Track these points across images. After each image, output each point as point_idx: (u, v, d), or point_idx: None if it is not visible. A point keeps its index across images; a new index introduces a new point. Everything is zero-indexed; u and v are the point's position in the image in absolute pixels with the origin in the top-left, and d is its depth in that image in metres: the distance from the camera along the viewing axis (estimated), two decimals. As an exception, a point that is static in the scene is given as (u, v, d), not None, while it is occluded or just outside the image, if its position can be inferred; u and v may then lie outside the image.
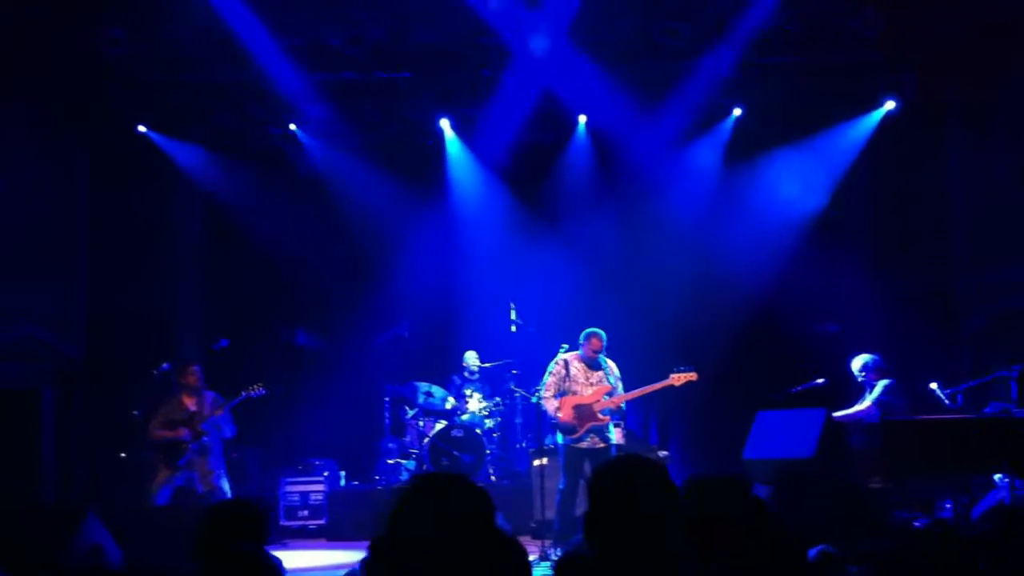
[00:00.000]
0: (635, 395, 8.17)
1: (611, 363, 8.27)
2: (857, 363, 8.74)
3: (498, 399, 10.62)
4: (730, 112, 10.81)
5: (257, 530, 3.48)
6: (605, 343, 8.16)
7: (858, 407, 8.47)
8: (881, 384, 8.53)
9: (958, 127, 10.44)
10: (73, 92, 9.80)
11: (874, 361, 8.69)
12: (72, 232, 10.32)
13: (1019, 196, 9.52)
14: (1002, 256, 9.66)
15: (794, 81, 10.37)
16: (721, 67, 9.94)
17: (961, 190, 10.47)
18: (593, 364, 8.19)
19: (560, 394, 8.11)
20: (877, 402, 8.40)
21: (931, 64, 9.98)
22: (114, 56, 9.54)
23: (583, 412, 8.04)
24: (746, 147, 10.97)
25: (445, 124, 11.11)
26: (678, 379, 8.15)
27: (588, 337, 8.17)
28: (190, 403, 8.42)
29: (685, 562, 2.78)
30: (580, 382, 8.12)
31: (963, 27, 9.40)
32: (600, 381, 8.12)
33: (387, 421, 10.46)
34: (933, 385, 8.52)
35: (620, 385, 8.20)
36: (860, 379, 8.74)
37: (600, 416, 8.02)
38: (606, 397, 8.05)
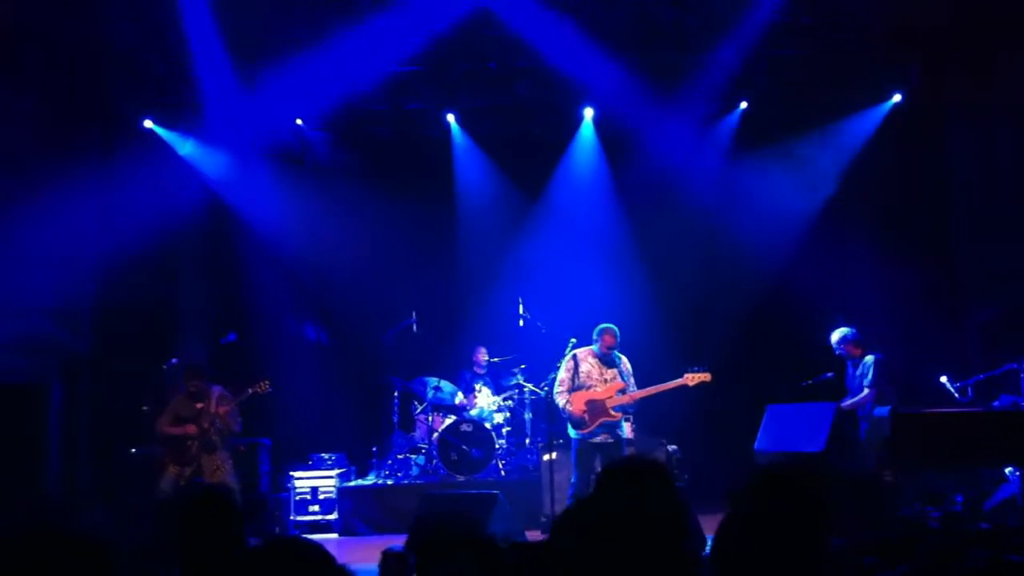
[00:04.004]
0: (647, 393, 8.15)
1: (624, 358, 8.28)
2: (835, 336, 8.66)
3: (508, 394, 10.62)
4: (737, 105, 10.81)
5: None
6: (618, 339, 8.16)
7: (860, 396, 8.39)
8: (871, 363, 8.44)
9: (961, 118, 10.41)
10: (80, 85, 9.79)
11: (852, 334, 8.62)
12: (79, 225, 10.31)
13: (1022, 183, 9.50)
14: (1009, 247, 9.63)
15: (801, 73, 10.36)
16: (730, 60, 9.93)
17: (966, 181, 10.45)
18: (607, 361, 8.19)
19: (573, 389, 8.12)
20: (872, 384, 8.34)
21: (934, 55, 9.97)
22: (121, 49, 9.55)
23: (595, 408, 8.05)
24: (753, 139, 10.94)
25: (451, 118, 11.13)
26: (692, 379, 8.12)
27: (601, 333, 8.16)
28: (198, 399, 8.40)
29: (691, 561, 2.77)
30: (594, 378, 8.14)
31: (966, 18, 9.38)
32: (614, 379, 8.13)
33: (396, 416, 10.44)
34: (943, 378, 8.51)
35: (632, 380, 8.21)
36: (837, 352, 8.68)
37: (612, 413, 8.03)
38: (619, 394, 8.05)
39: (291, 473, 10.00)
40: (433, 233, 11.30)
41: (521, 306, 10.16)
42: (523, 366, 10.51)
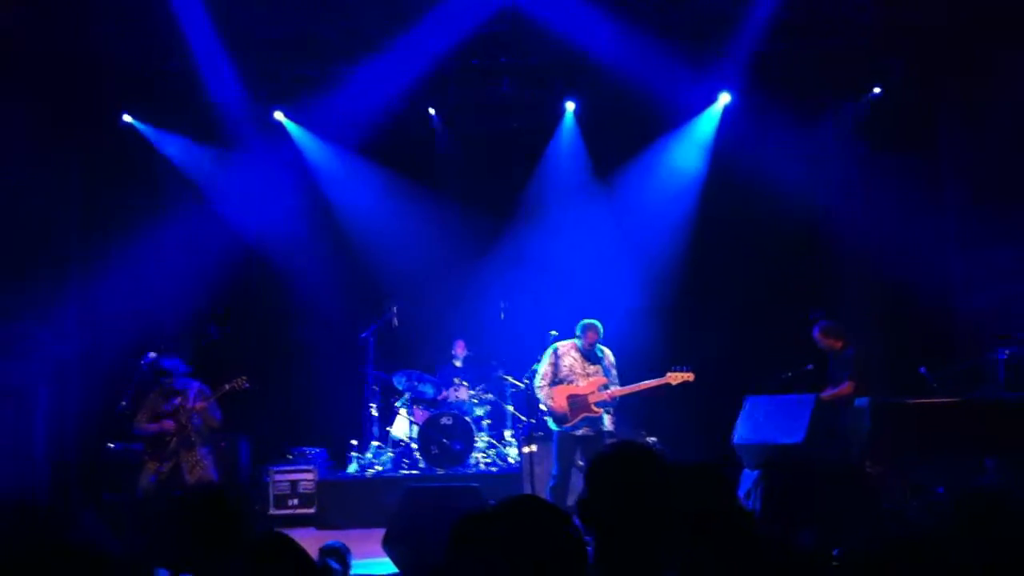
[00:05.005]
0: (630, 391, 8.19)
1: (607, 351, 8.31)
2: (816, 329, 8.72)
3: (488, 387, 10.62)
4: (727, 97, 10.81)
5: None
6: (601, 335, 8.17)
7: (840, 387, 8.39)
8: (851, 355, 8.46)
9: (951, 110, 10.40)
10: (65, 86, 9.74)
11: (832, 326, 8.67)
12: (64, 227, 10.29)
13: (1012, 179, 9.49)
14: (996, 240, 9.63)
15: (786, 67, 10.34)
16: (720, 54, 9.95)
17: (955, 173, 10.43)
18: (590, 356, 8.21)
19: (555, 383, 8.12)
20: (852, 377, 8.34)
21: (923, 48, 9.96)
22: (108, 50, 9.50)
23: (577, 402, 8.06)
24: (740, 133, 10.91)
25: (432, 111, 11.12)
26: (674, 378, 8.15)
27: (585, 329, 8.19)
28: (174, 395, 8.33)
29: (674, 550, 2.76)
30: (577, 372, 8.15)
31: (955, 10, 9.37)
32: (596, 374, 8.13)
33: (376, 410, 10.42)
34: (922, 369, 8.50)
35: (615, 372, 8.22)
36: (818, 344, 8.71)
37: (594, 408, 8.04)
38: (601, 389, 8.05)
39: (271, 467, 9.98)
40: (413, 227, 11.26)
41: (503, 301, 10.16)
42: (503, 360, 10.49)
